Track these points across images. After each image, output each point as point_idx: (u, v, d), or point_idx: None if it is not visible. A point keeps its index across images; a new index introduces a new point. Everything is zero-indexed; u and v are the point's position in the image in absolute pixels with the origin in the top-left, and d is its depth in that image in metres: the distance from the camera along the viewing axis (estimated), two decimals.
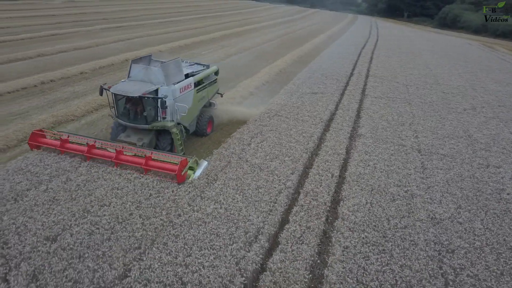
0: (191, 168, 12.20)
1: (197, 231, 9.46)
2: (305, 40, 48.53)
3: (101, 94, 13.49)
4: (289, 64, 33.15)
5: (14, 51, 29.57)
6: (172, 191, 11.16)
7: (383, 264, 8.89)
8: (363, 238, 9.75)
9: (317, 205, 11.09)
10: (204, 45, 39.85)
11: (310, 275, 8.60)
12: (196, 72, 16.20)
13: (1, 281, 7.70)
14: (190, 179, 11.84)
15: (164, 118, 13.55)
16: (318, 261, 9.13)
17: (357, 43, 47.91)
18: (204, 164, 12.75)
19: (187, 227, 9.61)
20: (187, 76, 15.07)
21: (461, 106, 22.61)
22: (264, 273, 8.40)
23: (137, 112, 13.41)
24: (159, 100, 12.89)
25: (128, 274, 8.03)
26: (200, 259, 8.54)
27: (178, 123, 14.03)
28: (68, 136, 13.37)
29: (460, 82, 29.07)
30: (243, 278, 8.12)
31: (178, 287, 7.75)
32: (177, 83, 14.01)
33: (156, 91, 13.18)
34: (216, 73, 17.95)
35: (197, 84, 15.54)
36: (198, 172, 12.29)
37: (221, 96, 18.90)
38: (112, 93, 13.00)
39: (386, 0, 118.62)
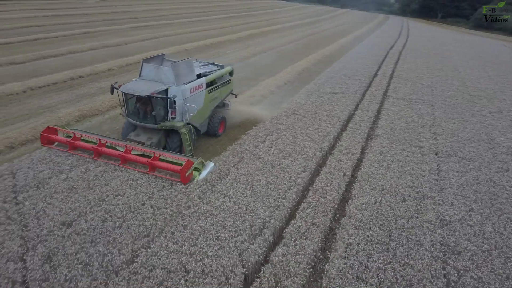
0: (196, 169, 12.17)
1: (205, 223, 9.80)
2: (331, 40, 48.28)
3: (112, 92, 13.57)
4: (312, 64, 33.15)
5: (48, 48, 30.98)
6: (184, 185, 11.54)
7: (385, 262, 8.94)
8: (367, 236, 9.81)
9: (325, 203, 11.21)
10: (229, 44, 40.34)
11: (311, 270, 8.75)
12: (209, 72, 16.04)
13: (19, 260, 8.27)
14: (195, 180, 11.81)
15: (173, 118, 13.49)
16: (321, 256, 9.28)
17: (385, 44, 47.24)
18: (210, 165, 12.64)
19: (195, 218, 9.96)
20: (199, 76, 14.97)
21: (487, 109, 22.07)
22: (266, 265, 8.64)
23: (147, 111, 13.43)
24: (167, 100, 12.96)
25: (135, 260, 8.45)
26: (204, 249, 8.86)
27: (188, 123, 13.95)
28: (74, 134, 13.40)
29: (489, 85, 28.30)
30: (244, 269, 8.38)
31: (181, 274, 8.08)
32: (188, 83, 13.87)
33: (166, 91, 13.12)
34: (231, 73, 17.74)
35: (209, 84, 15.41)
36: (204, 173, 12.23)
37: (235, 97, 18.84)
38: (122, 92, 13.05)
39: (420, 0, 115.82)
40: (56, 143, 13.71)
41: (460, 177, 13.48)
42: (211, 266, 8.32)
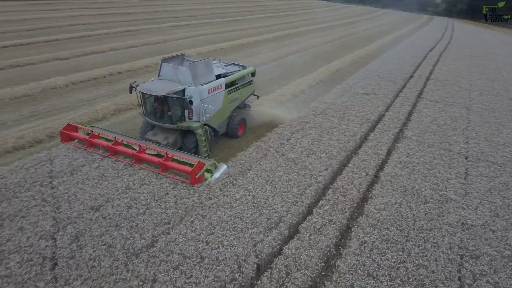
0: (209, 171, 12.10)
1: (223, 214, 10.18)
2: (369, 41, 47.55)
3: (130, 92, 13.69)
4: (347, 65, 32.90)
5: (91, 45, 32.65)
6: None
7: (399, 261, 8.94)
8: (383, 235, 9.83)
9: (344, 201, 11.29)
10: (265, 43, 40.66)
11: (323, 264, 8.92)
12: (230, 73, 15.87)
13: (50, 238, 8.98)
14: (207, 181, 11.74)
15: (190, 118, 13.40)
16: (334, 252, 9.41)
17: (425, 45, 45.93)
18: (223, 167, 12.45)
19: (214, 209, 10.37)
20: (220, 76, 14.87)
21: None
22: (278, 256, 8.89)
23: (164, 111, 13.45)
24: (184, 100, 12.87)
25: (155, 245, 8.95)
26: (220, 238, 9.23)
27: (205, 124, 13.87)
28: (92, 132, 13.68)
29: None
30: (257, 259, 8.68)
31: (196, 260, 8.49)
32: (206, 83, 13.79)
33: (183, 91, 13.07)
34: (253, 74, 17.46)
35: (229, 85, 15.28)
36: (216, 175, 12.08)
37: (257, 98, 18.69)
38: (139, 91, 13.15)
39: (467, 1, 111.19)
40: (76, 140, 14.00)
41: (488, 182, 13.11)
42: (225, 255, 8.67)
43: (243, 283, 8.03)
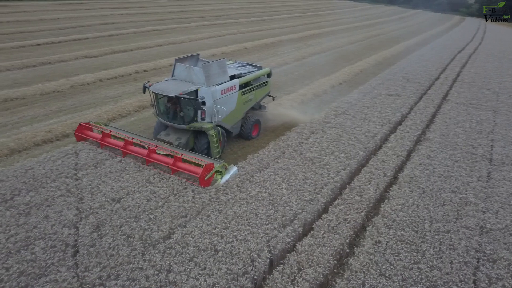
0: (219, 173, 11.96)
1: (239, 209, 10.37)
2: (395, 42, 46.84)
3: (144, 91, 13.72)
4: (371, 65, 32.56)
5: (120, 44, 33.60)
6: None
7: (412, 262, 8.91)
8: (398, 236, 9.81)
9: (360, 201, 11.29)
10: (290, 43, 40.63)
11: (335, 262, 8.98)
12: (244, 73, 15.66)
13: (73, 227, 9.40)
14: (216, 183, 11.65)
15: (203, 119, 13.33)
16: (347, 250, 9.45)
17: (454, 46, 44.87)
18: (233, 169, 12.26)
19: (230, 205, 10.58)
20: (234, 77, 14.76)
21: None
22: (291, 252, 9.02)
23: (176, 111, 13.40)
24: (195, 101, 12.78)
25: (172, 237, 9.24)
26: (235, 232, 9.43)
27: (218, 125, 13.78)
28: (103, 132, 13.67)
29: None
30: (270, 254, 8.84)
31: (211, 253, 8.71)
32: (219, 84, 13.71)
33: (196, 91, 12.94)
34: (269, 75, 17.22)
35: (243, 86, 15.15)
36: (226, 177, 11.90)
37: (273, 99, 18.56)
38: (151, 91, 13.14)
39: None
40: (90, 140, 14.03)
41: (511, 186, 12.82)
42: (239, 249, 8.86)
43: (255, 277, 8.19)
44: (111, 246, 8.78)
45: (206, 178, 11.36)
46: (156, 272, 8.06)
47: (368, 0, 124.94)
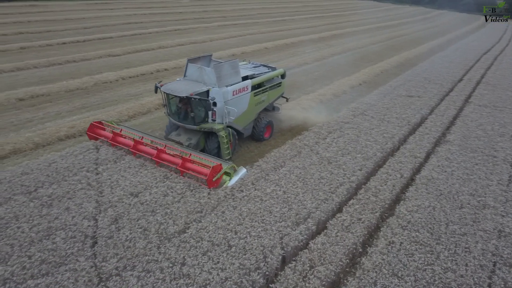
0: (228, 174, 11.88)
1: (253, 206, 10.50)
2: (418, 42, 46.11)
3: (155, 91, 13.78)
4: (392, 66, 32.19)
5: (142, 43, 34.30)
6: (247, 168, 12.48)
7: (426, 263, 8.85)
8: (413, 237, 9.74)
9: (375, 201, 11.25)
10: (310, 43, 40.55)
11: (348, 260, 9.00)
12: (257, 74, 15.51)
13: (92, 219, 9.73)
14: (224, 185, 11.58)
15: (214, 120, 13.27)
16: (360, 250, 9.45)
17: (479, 48, 43.83)
18: (242, 171, 12.16)
19: (245, 201, 10.72)
20: (246, 78, 14.65)
21: None
22: (304, 250, 9.09)
23: (187, 112, 13.34)
24: (206, 101, 12.74)
25: (187, 231, 9.45)
26: (249, 229, 9.55)
27: (229, 126, 13.73)
28: (113, 132, 13.64)
29: None
30: (283, 251, 8.93)
31: (224, 248, 8.87)
32: (231, 85, 13.60)
33: (207, 92, 12.95)
34: (283, 76, 17.04)
35: (256, 87, 15.02)
36: (235, 179, 11.79)
37: (287, 101, 18.28)
38: (163, 91, 13.18)
39: None
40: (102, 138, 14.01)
41: None
42: (252, 245, 8.98)
43: (267, 272, 8.29)
44: (128, 238, 9.04)
45: (214, 179, 11.32)
46: (171, 265, 8.26)
47: (392, 0, 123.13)
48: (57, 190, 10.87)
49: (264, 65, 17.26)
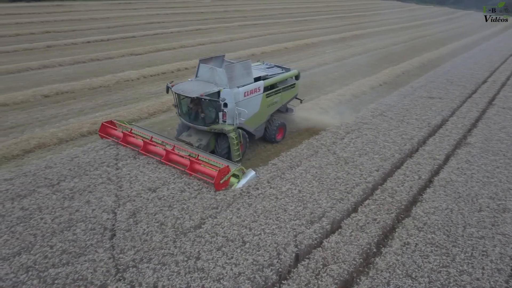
0: (236, 176, 11.80)
1: (268, 204, 10.60)
2: (442, 43, 45.26)
3: (167, 91, 13.60)
4: (414, 67, 31.72)
5: (163, 42, 34.90)
6: (257, 170, 12.56)
7: (441, 265, 8.76)
8: (428, 238, 9.65)
9: (391, 202, 11.18)
10: (331, 44, 40.32)
11: (361, 260, 9.00)
12: (270, 75, 15.35)
13: (111, 212, 10.02)
14: (233, 187, 11.52)
15: (224, 121, 13.16)
16: (374, 250, 9.43)
17: (506, 49, 42.69)
18: (251, 173, 12.01)
19: (260, 199, 10.84)
20: (259, 79, 14.51)
21: None
22: (317, 248, 9.13)
23: (198, 112, 13.26)
24: (216, 102, 12.63)
25: (202, 226, 9.62)
26: (263, 226, 9.66)
27: (240, 128, 13.58)
28: (123, 132, 13.75)
29: None
30: (296, 249, 9.00)
31: (238, 244, 9.00)
32: (243, 86, 13.46)
33: (218, 93, 12.83)
34: (297, 77, 16.75)
35: (269, 88, 14.85)
36: (243, 181, 11.68)
37: (301, 102, 18.00)
38: (173, 92, 13.11)
39: None
40: (113, 137, 14.21)
41: None
42: (266, 241, 9.08)
43: (280, 269, 8.38)
44: (145, 232, 9.27)
45: (221, 181, 11.27)
46: (186, 259, 8.44)
47: (416, 1, 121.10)
48: (79, 184, 11.23)
49: (278, 66, 17.06)
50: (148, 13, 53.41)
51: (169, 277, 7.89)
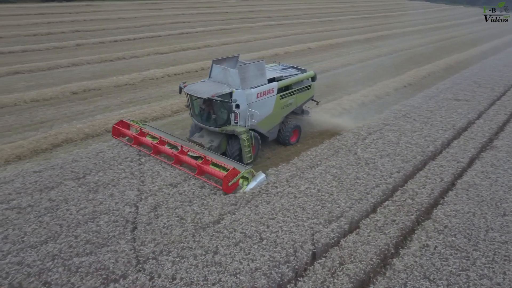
0: (246, 178, 11.59)
1: (286, 202, 10.68)
2: (471, 45, 44.16)
3: (180, 92, 13.45)
4: (441, 69, 31.08)
5: (188, 41, 35.41)
6: (276, 169, 12.67)
7: (461, 269, 8.64)
8: (448, 241, 9.52)
9: (412, 204, 11.07)
10: (355, 44, 39.93)
11: (378, 260, 8.95)
12: (285, 76, 15.05)
13: (133, 206, 10.32)
14: (242, 190, 11.32)
15: (236, 122, 12.92)
16: (392, 251, 9.37)
17: None
18: (260, 176, 11.75)
19: (278, 197, 10.92)
20: (273, 80, 14.19)
21: None
22: (334, 247, 9.15)
23: (210, 113, 13.07)
24: (228, 104, 12.48)
25: (221, 222, 9.79)
26: (281, 223, 9.74)
27: (252, 130, 13.36)
28: (141, 130, 13.81)
29: None
30: (313, 247, 9.04)
31: (256, 240, 9.11)
32: (256, 87, 13.20)
33: (230, 94, 12.57)
34: (313, 78, 16.32)
35: (283, 89, 14.55)
36: (253, 184, 11.46)
37: (317, 104, 17.37)
38: (185, 92, 12.97)
39: None
40: (126, 138, 14.35)
41: None
42: (283, 239, 9.16)
43: (296, 266, 8.45)
44: (165, 225, 9.51)
45: (229, 184, 11.08)
46: (204, 253, 8.61)
47: (445, 1, 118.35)
48: (103, 178, 11.60)
49: (294, 67, 16.79)
50: (174, 13, 54.24)
51: (187, 269, 8.08)
